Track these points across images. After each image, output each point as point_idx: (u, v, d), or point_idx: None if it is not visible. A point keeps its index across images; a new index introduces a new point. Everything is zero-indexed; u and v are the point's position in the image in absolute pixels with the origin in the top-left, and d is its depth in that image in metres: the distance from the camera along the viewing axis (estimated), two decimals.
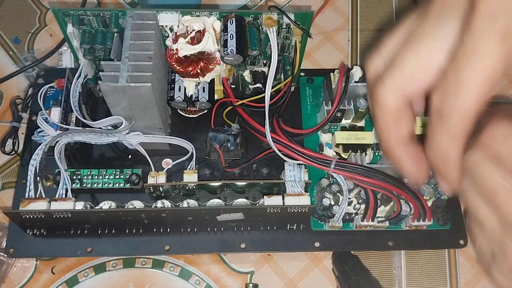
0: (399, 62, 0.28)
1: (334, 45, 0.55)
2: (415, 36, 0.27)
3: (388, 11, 0.57)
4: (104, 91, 0.37)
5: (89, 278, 0.43)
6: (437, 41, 0.26)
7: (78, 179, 0.42)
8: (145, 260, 0.44)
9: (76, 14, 0.39)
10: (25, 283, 0.42)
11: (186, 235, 0.42)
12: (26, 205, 0.38)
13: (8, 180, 0.47)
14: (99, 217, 0.40)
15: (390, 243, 0.43)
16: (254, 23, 0.40)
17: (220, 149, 0.43)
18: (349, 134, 0.43)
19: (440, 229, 0.43)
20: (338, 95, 0.43)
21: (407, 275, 0.44)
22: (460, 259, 0.44)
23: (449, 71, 0.25)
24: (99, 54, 0.42)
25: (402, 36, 0.29)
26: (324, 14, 0.56)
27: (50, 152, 0.41)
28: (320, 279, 0.43)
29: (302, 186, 0.40)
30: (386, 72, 0.28)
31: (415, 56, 0.27)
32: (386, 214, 0.42)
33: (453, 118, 0.25)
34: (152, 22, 0.38)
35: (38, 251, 0.42)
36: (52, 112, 0.43)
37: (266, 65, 0.45)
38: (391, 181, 0.39)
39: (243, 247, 0.42)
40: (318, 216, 0.42)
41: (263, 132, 0.42)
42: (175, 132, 0.45)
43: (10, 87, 0.51)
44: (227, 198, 0.43)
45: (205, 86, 0.43)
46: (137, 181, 0.42)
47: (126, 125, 0.40)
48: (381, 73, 0.29)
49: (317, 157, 0.40)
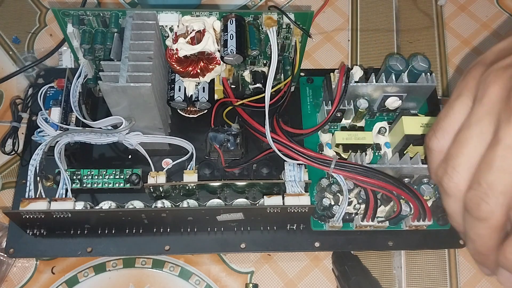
0: (497, 175, 0.27)
1: (334, 45, 0.55)
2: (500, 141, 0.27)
3: (388, 11, 0.57)
4: (104, 91, 0.37)
5: (89, 278, 0.43)
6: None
7: (78, 179, 0.42)
8: (145, 260, 0.44)
9: (76, 14, 0.39)
10: (25, 283, 0.42)
11: (186, 235, 0.42)
12: (26, 205, 0.38)
13: (8, 180, 0.47)
14: (99, 217, 0.40)
15: (390, 243, 0.43)
16: (254, 23, 0.40)
17: (220, 149, 0.43)
18: (349, 134, 0.43)
19: (440, 229, 0.43)
20: (338, 95, 0.43)
21: (407, 275, 0.44)
22: (460, 259, 0.44)
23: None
24: (99, 54, 0.42)
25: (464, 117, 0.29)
26: (324, 14, 0.56)
27: (50, 152, 0.41)
28: (320, 279, 0.43)
29: (302, 186, 0.40)
30: (485, 185, 0.27)
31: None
32: (386, 214, 0.42)
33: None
34: (152, 22, 0.38)
35: (38, 251, 0.42)
36: (52, 112, 0.43)
37: (266, 65, 0.45)
38: (391, 181, 0.39)
39: (243, 247, 0.42)
40: (318, 216, 0.42)
41: (263, 132, 0.42)
42: (175, 132, 0.45)
43: (10, 87, 0.51)
44: (227, 198, 0.43)
45: (205, 86, 0.43)
46: (137, 181, 0.42)
47: (126, 125, 0.40)
48: (445, 152, 0.29)
49: (317, 157, 0.40)
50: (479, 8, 0.57)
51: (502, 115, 0.27)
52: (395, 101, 0.44)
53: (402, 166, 0.40)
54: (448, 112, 0.31)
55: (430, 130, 0.32)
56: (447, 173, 0.29)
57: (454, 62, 0.54)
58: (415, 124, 0.41)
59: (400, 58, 0.43)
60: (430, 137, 0.31)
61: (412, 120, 0.42)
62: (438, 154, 0.31)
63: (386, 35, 0.55)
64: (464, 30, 0.55)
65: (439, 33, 0.55)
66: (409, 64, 0.43)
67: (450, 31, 0.55)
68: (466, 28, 0.56)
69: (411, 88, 0.43)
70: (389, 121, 0.47)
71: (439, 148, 0.30)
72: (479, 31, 0.55)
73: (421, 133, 0.41)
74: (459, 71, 0.53)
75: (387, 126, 0.46)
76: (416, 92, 0.43)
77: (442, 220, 0.43)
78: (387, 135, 0.45)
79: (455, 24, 0.56)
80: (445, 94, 0.52)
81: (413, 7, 0.57)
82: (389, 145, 0.45)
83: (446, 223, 0.43)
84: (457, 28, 0.56)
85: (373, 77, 0.43)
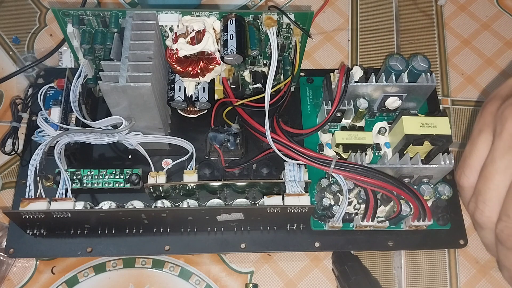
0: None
1: (334, 45, 0.55)
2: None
3: (388, 11, 0.57)
4: (104, 91, 0.37)
5: (89, 278, 0.43)
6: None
7: (78, 179, 0.42)
8: (145, 260, 0.44)
9: (76, 14, 0.39)
10: (25, 283, 0.42)
11: (186, 235, 0.42)
12: (26, 205, 0.38)
13: (8, 180, 0.47)
14: (99, 217, 0.40)
15: (390, 243, 0.43)
16: (254, 23, 0.40)
17: (220, 149, 0.43)
18: (349, 134, 0.43)
19: (440, 229, 0.43)
20: (338, 95, 0.43)
21: (407, 275, 0.44)
22: (460, 259, 0.44)
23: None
24: (99, 54, 0.42)
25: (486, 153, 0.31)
26: (324, 14, 0.56)
27: (50, 152, 0.41)
28: (320, 279, 0.43)
29: (302, 186, 0.40)
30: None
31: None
32: (386, 214, 0.42)
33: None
34: (152, 22, 0.38)
35: (38, 251, 0.42)
36: (52, 112, 0.43)
37: (266, 65, 0.45)
38: (391, 181, 0.39)
39: (243, 247, 0.42)
40: (318, 216, 0.42)
41: (263, 132, 0.42)
42: (175, 132, 0.45)
43: (10, 87, 0.51)
44: (227, 198, 0.43)
45: (205, 86, 0.43)
46: (137, 181, 0.42)
47: (126, 125, 0.40)
48: (474, 185, 0.31)
49: (317, 157, 0.40)
50: (479, 8, 0.57)
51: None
52: (395, 101, 0.44)
53: (402, 166, 0.40)
54: (472, 149, 0.33)
55: (458, 168, 0.34)
56: (478, 208, 0.31)
57: (454, 62, 0.54)
58: (415, 124, 0.41)
59: (400, 58, 0.43)
60: (459, 175, 0.33)
61: (412, 120, 0.42)
62: (469, 190, 0.32)
63: (386, 35, 0.55)
64: (464, 30, 0.55)
65: (439, 33, 0.55)
66: (409, 64, 0.43)
67: (450, 31, 0.55)
68: (466, 28, 0.56)
69: (411, 88, 0.43)
70: (389, 121, 0.47)
71: (469, 184, 0.33)
72: (479, 31, 0.55)
73: (421, 133, 0.41)
74: (459, 71, 0.53)
75: (387, 126, 0.46)
76: (416, 92, 0.43)
77: (442, 220, 0.43)
78: (387, 135, 0.45)
79: (455, 24, 0.56)
80: (445, 94, 0.52)
81: (413, 7, 0.57)
82: (389, 145, 0.45)
83: (446, 223, 0.43)
84: (457, 28, 0.56)
85: (373, 77, 0.43)
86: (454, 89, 0.52)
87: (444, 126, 0.41)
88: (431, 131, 0.41)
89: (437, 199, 0.42)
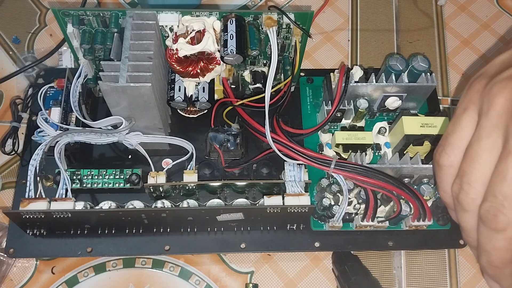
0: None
1: (334, 45, 0.55)
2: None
3: (388, 11, 0.57)
4: (104, 91, 0.37)
5: (89, 278, 0.43)
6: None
7: (78, 179, 0.42)
8: (145, 260, 0.44)
9: (76, 14, 0.39)
10: (25, 283, 0.42)
11: (186, 235, 0.42)
12: (26, 205, 0.38)
13: (8, 180, 0.47)
14: (99, 217, 0.40)
15: (390, 243, 0.43)
16: (254, 23, 0.40)
17: (220, 149, 0.43)
18: (349, 134, 0.43)
19: (440, 229, 0.43)
20: (338, 95, 0.43)
21: (407, 275, 0.44)
22: (460, 259, 0.44)
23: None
24: (99, 54, 0.42)
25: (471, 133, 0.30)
26: (324, 14, 0.56)
27: (50, 152, 0.41)
28: (320, 279, 0.43)
29: (302, 186, 0.40)
30: (500, 196, 0.28)
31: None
32: (386, 214, 0.42)
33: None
34: (152, 22, 0.38)
35: (38, 251, 0.42)
36: (52, 112, 0.43)
37: (266, 65, 0.45)
38: (391, 181, 0.39)
39: (243, 247, 0.42)
40: (318, 216, 0.42)
41: (263, 132, 0.42)
42: (175, 132, 0.45)
43: (10, 87, 0.51)
44: (227, 198, 0.43)
45: (205, 86, 0.43)
46: (137, 181, 0.42)
47: (126, 125, 0.40)
48: (457, 167, 0.30)
49: (317, 157, 0.40)
50: (479, 8, 0.57)
51: (509, 126, 0.27)
52: (395, 101, 0.44)
53: (402, 166, 0.40)
54: (455, 127, 0.31)
55: (438, 146, 0.32)
56: (463, 189, 0.29)
57: (454, 62, 0.54)
58: (415, 124, 0.41)
59: (400, 58, 0.43)
60: (439, 153, 0.31)
61: (412, 120, 0.42)
62: (448, 170, 0.31)
63: (386, 35, 0.55)
64: (464, 30, 0.55)
65: (439, 33, 0.55)
66: (409, 64, 0.43)
67: (450, 31, 0.55)
68: (466, 28, 0.56)
69: (411, 88, 0.43)
70: (389, 121, 0.47)
71: (450, 163, 0.31)
72: (479, 31, 0.55)
73: (421, 133, 0.41)
74: (459, 71, 0.53)
75: (387, 126, 0.46)
76: (416, 92, 0.43)
77: (442, 220, 0.43)
78: (387, 135, 0.45)
79: (455, 24, 0.56)
80: (445, 94, 0.52)
81: (413, 7, 0.57)
82: (389, 145, 0.45)
83: (446, 223, 0.43)
84: (457, 28, 0.56)
85: (373, 77, 0.43)
86: (454, 89, 0.52)
87: (444, 126, 0.41)
88: (431, 131, 0.41)
89: (437, 199, 0.42)
